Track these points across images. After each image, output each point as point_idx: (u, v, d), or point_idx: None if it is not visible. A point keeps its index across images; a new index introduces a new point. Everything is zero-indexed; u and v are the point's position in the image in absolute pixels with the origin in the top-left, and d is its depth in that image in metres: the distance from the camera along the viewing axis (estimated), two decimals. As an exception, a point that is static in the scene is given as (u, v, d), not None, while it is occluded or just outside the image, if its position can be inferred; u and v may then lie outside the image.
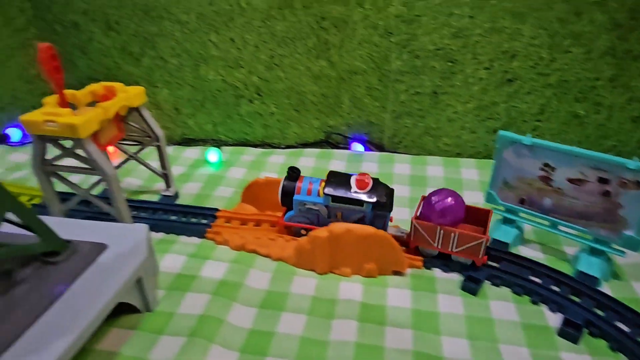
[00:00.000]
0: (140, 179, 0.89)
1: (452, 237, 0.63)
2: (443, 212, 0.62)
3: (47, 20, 0.98)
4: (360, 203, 0.65)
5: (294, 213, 0.68)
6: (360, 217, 0.66)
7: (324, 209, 0.66)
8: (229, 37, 0.93)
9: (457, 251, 0.63)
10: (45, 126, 0.60)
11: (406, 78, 0.92)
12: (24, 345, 0.42)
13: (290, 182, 0.68)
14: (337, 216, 0.66)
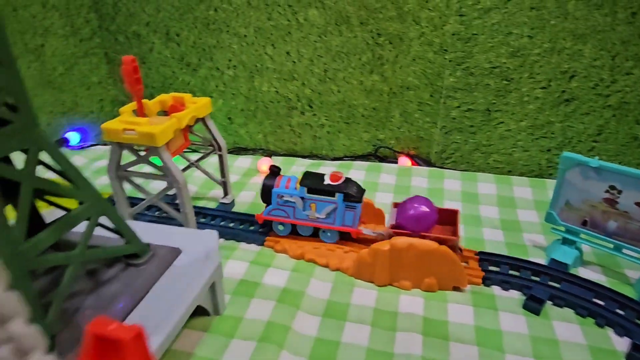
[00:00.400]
0: (195, 186, 0.92)
1: None
2: (418, 219, 0.65)
3: (110, 31, 1.03)
4: (332, 193, 0.69)
5: (271, 207, 0.73)
6: (332, 209, 0.70)
7: (299, 200, 0.71)
8: (285, 51, 0.96)
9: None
10: (124, 134, 0.63)
11: (459, 94, 0.93)
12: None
13: (270, 180, 0.73)
14: (311, 208, 0.71)
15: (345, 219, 0.70)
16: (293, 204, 0.71)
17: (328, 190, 0.69)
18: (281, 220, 0.73)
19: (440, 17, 0.88)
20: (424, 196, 0.69)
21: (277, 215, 0.73)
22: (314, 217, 0.71)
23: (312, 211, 0.71)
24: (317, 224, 0.71)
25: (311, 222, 0.71)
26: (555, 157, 0.92)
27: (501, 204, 0.84)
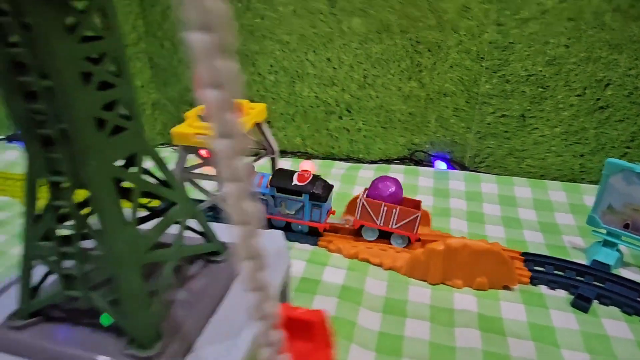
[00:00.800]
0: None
1: (393, 213, 0.73)
2: (388, 194, 0.75)
3: (157, 37, 1.07)
4: (299, 194, 0.74)
5: None
6: (300, 207, 0.75)
7: (270, 198, 0.76)
8: (326, 57, 0.99)
9: (396, 227, 0.73)
10: (194, 138, 0.67)
11: (494, 101, 0.97)
12: (213, 331, 0.48)
13: None
14: (282, 205, 0.76)
15: (312, 215, 0.76)
16: (265, 201, 0.77)
17: (295, 191, 0.75)
18: None
19: (479, 26, 0.91)
20: (393, 177, 0.78)
21: None
22: (285, 213, 0.77)
23: (282, 208, 0.77)
24: (287, 219, 0.77)
25: (283, 216, 0.78)
26: (589, 162, 0.96)
27: (538, 207, 0.88)
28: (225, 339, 0.47)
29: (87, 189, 0.42)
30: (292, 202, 0.76)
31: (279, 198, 0.76)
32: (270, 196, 0.76)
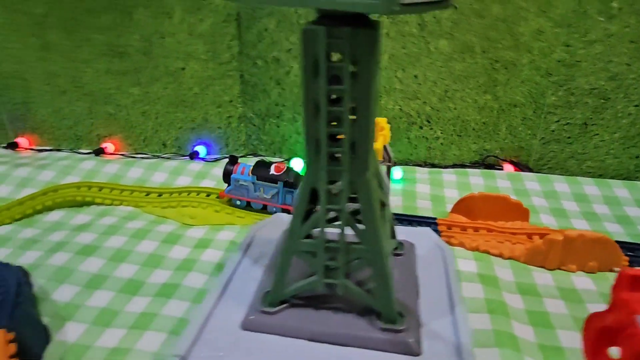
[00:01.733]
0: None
1: None
2: None
3: (250, 56, 1.16)
4: (275, 181, 0.93)
5: (231, 188, 0.97)
6: (275, 193, 0.94)
7: (251, 185, 0.95)
8: (413, 74, 1.11)
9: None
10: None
11: (559, 111, 1.11)
12: (426, 309, 0.58)
13: (230, 165, 0.97)
14: (260, 190, 0.95)
15: (285, 199, 0.95)
16: (246, 186, 0.95)
17: (272, 179, 0.93)
18: (238, 197, 0.98)
19: (549, 47, 1.05)
20: None
21: (236, 194, 0.97)
22: (263, 197, 0.96)
23: (261, 193, 0.95)
24: (265, 202, 0.96)
25: (260, 200, 0.96)
26: (643, 162, 1.11)
27: (608, 202, 1.02)
28: (441, 316, 0.58)
29: (358, 195, 0.52)
30: (268, 188, 0.94)
31: (258, 184, 0.95)
32: (251, 182, 0.95)
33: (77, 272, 0.77)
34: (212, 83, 1.20)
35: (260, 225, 0.77)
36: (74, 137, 1.32)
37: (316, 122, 0.48)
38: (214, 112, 1.24)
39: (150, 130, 1.28)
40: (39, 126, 1.32)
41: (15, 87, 1.27)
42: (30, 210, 0.96)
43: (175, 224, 0.93)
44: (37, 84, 1.26)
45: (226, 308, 0.58)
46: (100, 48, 1.18)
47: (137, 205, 1.00)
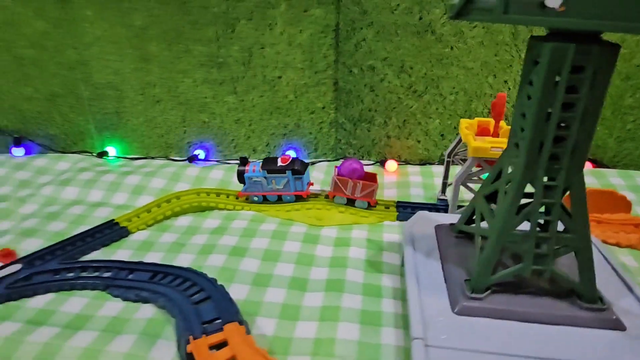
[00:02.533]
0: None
1: (357, 186, 1.03)
2: (352, 172, 1.03)
3: (346, 65, 1.22)
4: (284, 171, 1.02)
5: (247, 186, 1.05)
6: (286, 182, 1.03)
7: (263, 179, 1.03)
8: (504, 80, 1.18)
9: (360, 196, 1.03)
10: (490, 151, 0.84)
11: (635, 112, 1.19)
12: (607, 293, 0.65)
13: (242, 166, 1.05)
14: (272, 183, 1.04)
15: (296, 186, 1.04)
16: (260, 182, 1.03)
17: (281, 169, 1.02)
18: (255, 193, 1.05)
19: (630, 53, 1.14)
20: (355, 158, 1.14)
21: (251, 190, 1.05)
22: (276, 188, 1.04)
23: (273, 185, 1.03)
24: (279, 193, 1.05)
25: (275, 191, 1.05)
26: None
27: (691, 194, 1.11)
28: (624, 296, 0.64)
29: (570, 190, 0.58)
30: (279, 178, 1.03)
31: (269, 177, 1.03)
32: (263, 177, 1.03)
33: (239, 272, 0.82)
34: (307, 90, 1.26)
35: (411, 222, 0.83)
36: (164, 145, 1.36)
37: (546, 126, 0.55)
38: (307, 118, 1.29)
39: (243, 136, 1.33)
40: (129, 135, 1.36)
41: (108, 97, 1.31)
42: (161, 217, 1.01)
43: (304, 226, 0.98)
44: (132, 94, 1.30)
45: (429, 298, 0.64)
46: (199, 59, 1.23)
47: (259, 209, 1.05)
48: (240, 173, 1.04)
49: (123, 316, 0.72)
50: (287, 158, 1.04)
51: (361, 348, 0.66)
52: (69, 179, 1.18)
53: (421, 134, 1.28)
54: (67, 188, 1.14)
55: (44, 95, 1.32)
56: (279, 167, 1.02)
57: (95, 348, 0.65)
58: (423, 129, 1.27)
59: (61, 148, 1.39)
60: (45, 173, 1.24)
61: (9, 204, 1.07)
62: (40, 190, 1.13)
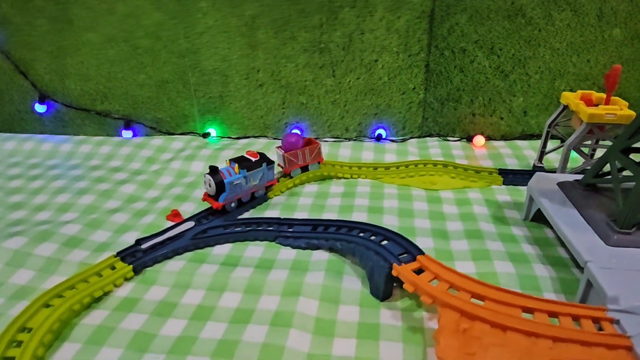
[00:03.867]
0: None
1: (306, 152, 1.14)
2: (296, 143, 1.13)
3: (438, 48, 1.33)
4: (260, 164, 1.02)
5: (227, 193, 0.97)
6: (261, 175, 1.04)
7: (243, 179, 0.99)
8: (586, 59, 1.29)
9: (311, 160, 1.15)
10: (605, 117, 0.94)
11: None
12: None
13: (217, 175, 0.96)
14: (250, 180, 1.01)
15: (268, 177, 1.06)
16: (239, 184, 0.99)
17: (258, 163, 1.02)
18: (234, 199, 0.99)
19: None
20: (295, 133, 1.22)
21: (231, 197, 0.98)
22: (252, 185, 1.02)
23: (251, 182, 1.01)
24: (255, 189, 1.03)
25: (251, 189, 1.02)
26: None
27: None
28: None
29: None
30: (256, 173, 1.02)
31: (249, 175, 1.00)
32: (242, 177, 0.99)
33: (385, 225, 0.93)
34: (400, 73, 1.37)
35: (534, 181, 0.94)
36: (262, 125, 1.48)
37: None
38: (398, 98, 1.40)
39: (337, 116, 1.44)
40: (230, 117, 1.48)
41: (214, 82, 1.43)
42: (290, 185, 1.12)
43: (421, 190, 1.10)
44: (237, 78, 1.41)
45: (583, 237, 0.75)
46: (303, 45, 1.34)
47: (374, 177, 1.16)
48: (221, 184, 0.96)
49: (302, 259, 0.84)
50: (255, 153, 1.04)
51: (521, 280, 0.77)
52: (192, 155, 1.30)
53: (505, 111, 1.38)
54: (194, 162, 1.26)
55: (155, 81, 1.44)
56: (255, 162, 1.02)
57: (294, 281, 0.77)
58: (507, 106, 1.38)
59: (166, 130, 1.51)
60: (165, 151, 1.36)
61: (147, 176, 1.20)
62: (170, 165, 1.26)
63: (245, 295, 0.75)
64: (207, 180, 0.97)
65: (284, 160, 1.12)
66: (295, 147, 1.13)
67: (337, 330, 0.68)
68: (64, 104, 1.51)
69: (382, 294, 0.73)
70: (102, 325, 0.70)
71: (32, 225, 0.97)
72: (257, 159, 1.02)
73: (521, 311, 0.60)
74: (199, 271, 0.81)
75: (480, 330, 0.57)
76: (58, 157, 1.37)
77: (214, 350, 0.64)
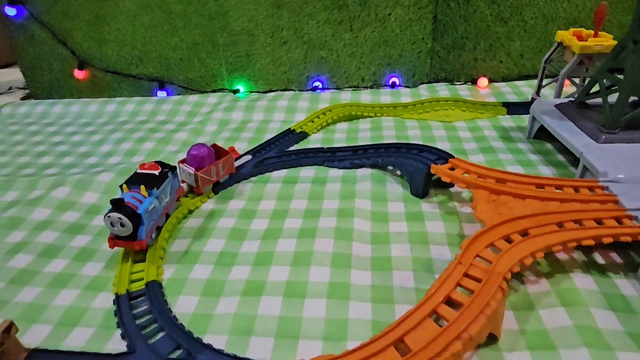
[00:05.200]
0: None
1: (219, 166, 0.96)
2: (207, 158, 0.94)
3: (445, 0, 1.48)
4: (165, 176, 0.84)
5: (145, 225, 0.76)
6: (170, 187, 0.86)
7: (156, 201, 0.81)
8: (575, 4, 1.45)
9: (224, 172, 0.99)
10: (594, 48, 1.12)
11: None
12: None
13: (126, 208, 0.74)
14: (162, 199, 0.84)
15: (175, 185, 0.90)
16: (155, 207, 0.80)
17: (162, 176, 0.84)
18: (153, 229, 0.80)
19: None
20: (202, 143, 0.96)
21: (149, 229, 0.78)
22: (166, 203, 0.85)
23: (163, 199, 0.84)
24: (168, 207, 0.86)
25: (166, 209, 0.85)
26: None
27: None
28: None
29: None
30: (166, 187, 0.84)
31: (160, 194, 0.82)
32: (155, 199, 0.80)
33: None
34: (411, 25, 1.52)
35: (535, 105, 1.12)
36: (285, 80, 1.63)
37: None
38: (409, 48, 1.56)
39: (354, 68, 1.59)
40: (256, 74, 1.62)
41: (241, 42, 1.57)
42: (324, 124, 1.29)
43: (437, 122, 1.27)
44: (262, 37, 1.55)
45: (579, 138, 0.93)
46: (324, 2, 1.49)
47: (395, 114, 1.33)
48: (136, 217, 0.75)
49: (349, 175, 1.02)
50: (155, 165, 0.85)
51: (528, 178, 0.95)
52: (230, 107, 1.45)
53: (504, 55, 1.55)
54: (233, 112, 1.42)
55: (186, 44, 1.58)
56: (160, 175, 0.83)
57: (348, 189, 0.95)
58: (506, 51, 1.54)
59: (197, 89, 1.66)
60: (202, 106, 1.51)
61: (194, 125, 1.35)
62: (212, 116, 1.41)
63: (309, 202, 0.93)
64: (113, 220, 0.73)
65: (195, 180, 0.93)
66: (204, 161, 0.93)
67: (390, 218, 0.86)
68: (102, 69, 1.64)
69: (422, 192, 0.91)
70: (202, 227, 0.87)
71: (111, 166, 1.12)
72: (159, 170, 0.84)
73: (535, 187, 0.79)
74: (267, 188, 0.98)
75: (505, 200, 0.76)
76: (105, 116, 1.51)
77: (298, 231, 0.83)
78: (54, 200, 0.97)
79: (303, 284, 0.70)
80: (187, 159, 0.95)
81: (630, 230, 0.65)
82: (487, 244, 0.66)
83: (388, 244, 0.79)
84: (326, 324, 0.63)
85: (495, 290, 0.56)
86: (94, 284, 0.74)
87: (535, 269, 0.70)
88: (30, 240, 0.84)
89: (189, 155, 0.95)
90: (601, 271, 0.69)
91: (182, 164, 0.95)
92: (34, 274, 0.77)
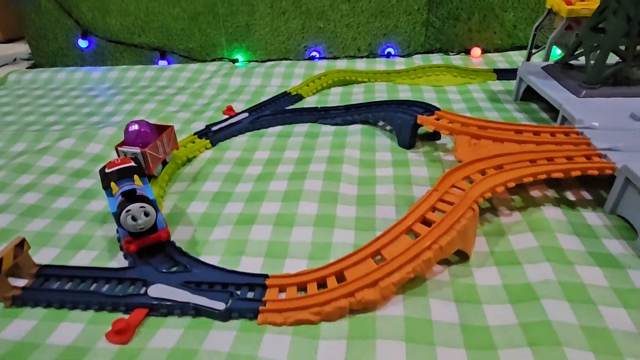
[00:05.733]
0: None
1: (163, 140, 0.88)
2: (150, 134, 0.85)
3: (439, -30, 1.51)
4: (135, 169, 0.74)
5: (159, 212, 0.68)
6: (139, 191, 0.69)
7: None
8: (567, -26, 1.48)
9: (169, 147, 0.90)
10: (581, 11, 1.15)
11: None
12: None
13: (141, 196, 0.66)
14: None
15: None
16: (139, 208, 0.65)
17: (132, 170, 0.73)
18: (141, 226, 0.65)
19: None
20: (140, 120, 0.87)
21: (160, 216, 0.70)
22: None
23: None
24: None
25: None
26: None
27: None
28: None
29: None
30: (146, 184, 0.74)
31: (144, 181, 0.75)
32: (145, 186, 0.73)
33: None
34: None
35: (522, 68, 1.16)
36: (283, 50, 1.67)
37: None
38: (404, 19, 1.59)
39: (350, 38, 1.63)
40: (255, 44, 1.66)
41: (241, 12, 1.60)
42: (320, 87, 1.33)
43: (429, 87, 1.31)
44: (262, 7, 1.59)
45: (558, 93, 0.97)
46: (321, -28, 1.52)
47: (389, 80, 1.37)
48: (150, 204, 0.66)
49: (341, 130, 1.06)
50: (124, 159, 0.76)
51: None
52: (228, 74, 1.50)
53: (497, 26, 1.58)
54: (232, 78, 1.46)
55: (188, 14, 1.62)
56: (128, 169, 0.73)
57: (338, 141, 1.00)
58: (500, 21, 1.57)
59: (196, 58, 1.70)
60: (202, 73, 1.56)
61: (193, 90, 1.40)
62: (211, 81, 1.45)
63: (301, 152, 0.98)
64: (135, 213, 0.64)
65: (145, 159, 0.82)
66: (148, 137, 0.84)
67: (377, 164, 0.91)
68: (105, 38, 1.68)
69: (409, 143, 0.96)
70: (201, 172, 0.92)
71: (114, 124, 1.17)
72: (124, 164, 0.74)
73: (514, 132, 0.83)
74: (262, 141, 1.03)
75: (485, 143, 0.80)
76: (108, 82, 1.56)
77: (290, 174, 0.88)
78: (60, 150, 1.02)
79: (292, 215, 0.75)
80: (126, 139, 0.84)
81: (598, 165, 0.70)
82: (463, 177, 0.70)
83: (374, 185, 0.84)
84: (312, 246, 0.68)
85: (467, 210, 0.61)
86: (98, 216, 0.79)
87: (510, 204, 0.75)
88: (38, 182, 0.90)
89: (127, 134, 0.83)
90: (571, 206, 0.74)
91: (121, 147, 0.83)
92: (43, 209, 0.82)
